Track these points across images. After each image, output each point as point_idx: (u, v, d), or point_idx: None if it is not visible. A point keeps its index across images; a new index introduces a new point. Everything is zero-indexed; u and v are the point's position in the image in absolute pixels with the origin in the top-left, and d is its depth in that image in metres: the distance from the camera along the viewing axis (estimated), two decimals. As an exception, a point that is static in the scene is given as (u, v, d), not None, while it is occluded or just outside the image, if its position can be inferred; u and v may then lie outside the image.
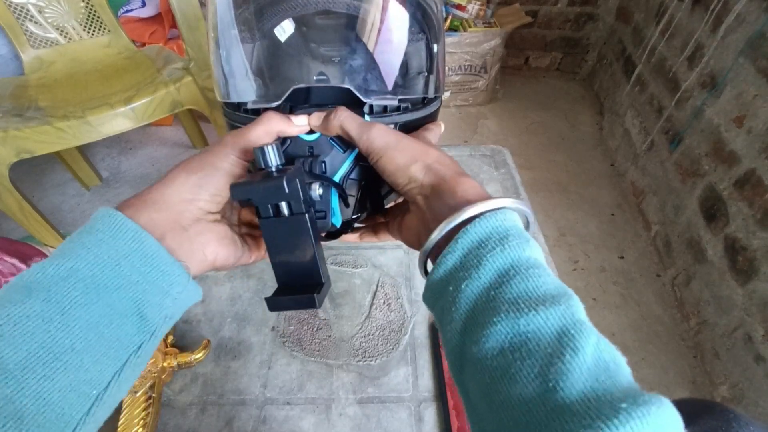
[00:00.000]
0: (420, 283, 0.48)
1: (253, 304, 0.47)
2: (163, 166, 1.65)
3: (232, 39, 0.32)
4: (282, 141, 0.29)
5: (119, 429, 0.35)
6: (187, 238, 0.24)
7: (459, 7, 1.69)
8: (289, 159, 0.29)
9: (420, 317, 0.45)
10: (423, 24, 0.35)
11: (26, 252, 1.06)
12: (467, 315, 0.20)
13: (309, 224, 0.25)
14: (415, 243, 0.28)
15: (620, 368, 0.17)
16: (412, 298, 0.47)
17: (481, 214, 0.21)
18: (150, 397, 0.37)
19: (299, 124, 0.28)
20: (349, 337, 0.44)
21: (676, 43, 1.30)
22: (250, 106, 0.32)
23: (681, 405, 0.15)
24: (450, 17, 1.69)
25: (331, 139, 0.29)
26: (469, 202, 0.21)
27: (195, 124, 1.60)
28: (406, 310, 0.46)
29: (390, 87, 0.31)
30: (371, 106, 0.31)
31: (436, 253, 0.23)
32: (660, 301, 1.18)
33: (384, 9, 0.31)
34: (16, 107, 1.04)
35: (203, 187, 0.24)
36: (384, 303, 0.47)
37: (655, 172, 1.33)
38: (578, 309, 0.18)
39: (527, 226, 0.23)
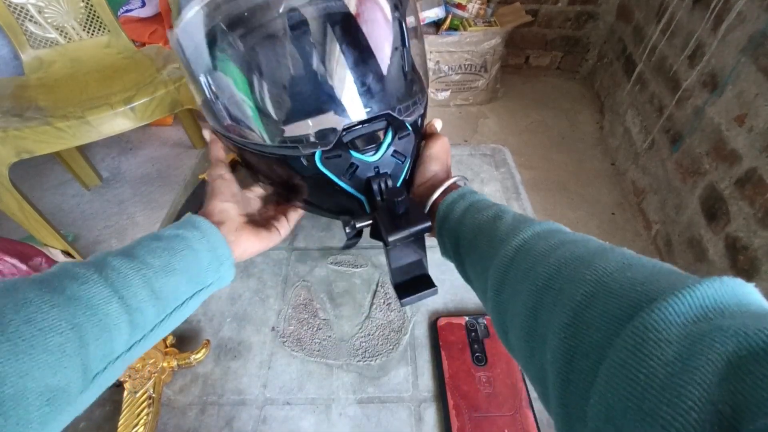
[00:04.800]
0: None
1: (253, 303, 0.46)
2: (163, 166, 1.65)
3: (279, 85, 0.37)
4: (350, 166, 0.35)
5: (119, 429, 0.35)
6: (228, 236, 0.35)
7: (459, 6, 1.69)
8: (360, 182, 0.35)
9: (420, 317, 0.45)
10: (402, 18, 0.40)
11: (26, 252, 1.06)
12: (456, 226, 0.33)
13: (426, 265, 0.36)
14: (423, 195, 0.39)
15: (532, 220, 0.29)
16: (412, 298, 0.47)
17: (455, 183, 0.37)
18: (150, 397, 0.37)
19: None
20: (349, 337, 0.44)
21: (677, 42, 1.29)
22: (303, 150, 0.35)
23: None
24: (450, 16, 1.69)
25: (392, 154, 0.36)
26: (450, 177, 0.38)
27: (195, 124, 1.60)
28: (406, 310, 0.46)
29: (411, 94, 0.39)
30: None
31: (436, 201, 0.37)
32: (661, 301, 1.18)
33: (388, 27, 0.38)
34: (16, 107, 1.04)
35: (221, 201, 0.37)
36: (384, 303, 0.47)
37: (656, 171, 1.33)
38: (507, 207, 0.32)
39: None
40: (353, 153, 0.35)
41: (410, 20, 0.39)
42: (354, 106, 0.36)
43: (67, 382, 0.22)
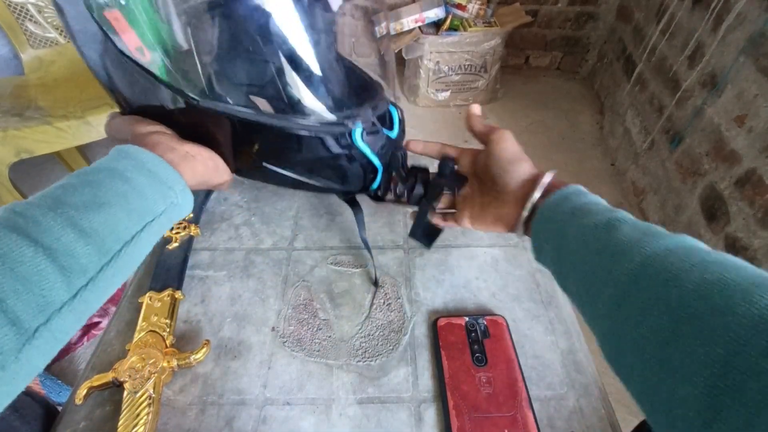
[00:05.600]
0: (420, 283, 0.48)
1: (253, 304, 0.46)
2: (163, 165, 1.65)
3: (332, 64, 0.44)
4: (384, 141, 0.40)
5: (119, 429, 0.35)
6: (177, 154, 0.33)
7: (459, 6, 1.69)
8: (387, 155, 0.41)
9: (420, 317, 0.45)
10: None
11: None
12: (558, 231, 0.31)
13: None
14: (499, 222, 0.38)
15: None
16: (412, 298, 0.47)
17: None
18: (150, 397, 0.37)
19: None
20: (349, 337, 0.44)
21: (677, 43, 1.29)
22: (352, 126, 0.38)
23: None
24: (450, 17, 1.69)
25: (401, 131, 0.43)
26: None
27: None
28: (406, 310, 0.46)
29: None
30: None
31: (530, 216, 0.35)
32: (660, 301, 1.18)
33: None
34: (15, 107, 1.04)
35: (147, 124, 0.36)
36: (384, 303, 0.47)
37: (656, 171, 1.33)
38: (624, 214, 0.30)
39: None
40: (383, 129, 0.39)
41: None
42: (385, 89, 0.42)
43: None
